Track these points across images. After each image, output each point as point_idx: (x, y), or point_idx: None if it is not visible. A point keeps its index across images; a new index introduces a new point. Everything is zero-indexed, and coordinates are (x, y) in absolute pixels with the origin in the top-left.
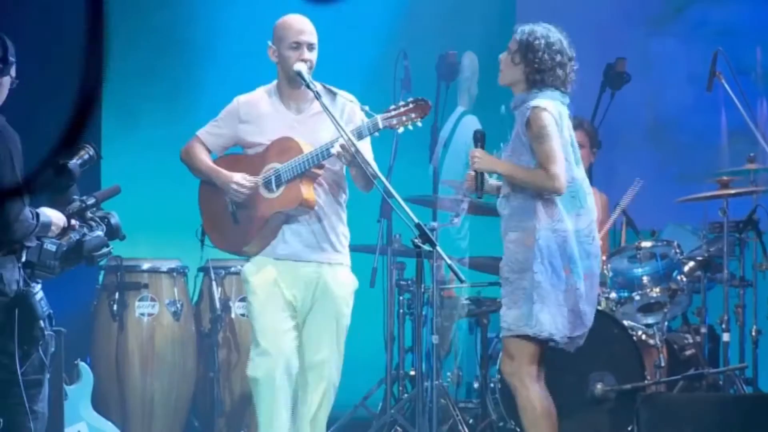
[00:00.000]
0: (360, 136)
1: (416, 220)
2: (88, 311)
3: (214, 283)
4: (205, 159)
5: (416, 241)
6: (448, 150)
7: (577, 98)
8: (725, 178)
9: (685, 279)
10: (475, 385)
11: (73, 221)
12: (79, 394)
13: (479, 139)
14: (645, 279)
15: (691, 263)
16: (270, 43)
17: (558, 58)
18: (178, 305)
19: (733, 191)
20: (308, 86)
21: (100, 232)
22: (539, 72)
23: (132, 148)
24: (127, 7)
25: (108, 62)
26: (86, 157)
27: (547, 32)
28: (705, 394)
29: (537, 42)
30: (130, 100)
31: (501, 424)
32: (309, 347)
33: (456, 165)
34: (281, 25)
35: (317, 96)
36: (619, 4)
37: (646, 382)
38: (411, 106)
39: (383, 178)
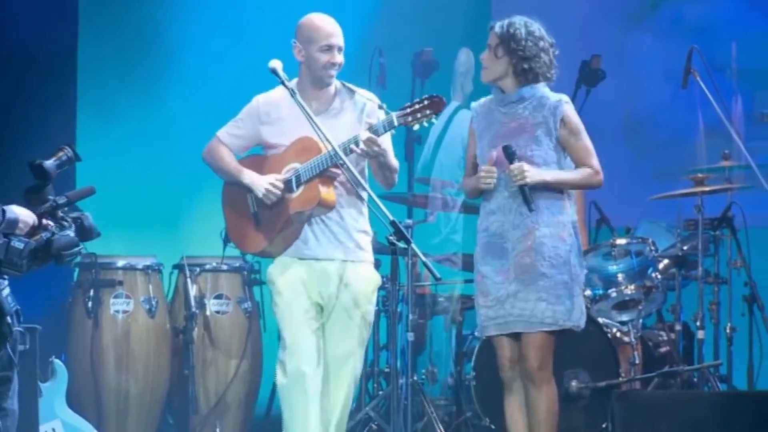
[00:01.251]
0: (376, 134)
1: (391, 218)
2: (62, 308)
3: (189, 280)
4: (229, 160)
5: (391, 238)
6: (440, 145)
7: None
8: (700, 175)
9: (659, 276)
10: (450, 382)
11: (45, 220)
12: (53, 391)
13: (513, 153)
14: (620, 276)
15: (666, 260)
16: (296, 41)
17: (541, 43)
18: (153, 302)
19: (708, 188)
20: (283, 83)
21: (70, 232)
22: (525, 60)
23: (107, 145)
24: (100, 5)
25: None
26: (64, 158)
27: (525, 21)
28: (679, 391)
29: (518, 31)
30: (104, 97)
31: (476, 421)
32: (333, 342)
33: (450, 159)
34: (310, 26)
35: (292, 93)
36: (595, 1)
37: (620, 379)
38: (426, 103)
39: (359, 176)
